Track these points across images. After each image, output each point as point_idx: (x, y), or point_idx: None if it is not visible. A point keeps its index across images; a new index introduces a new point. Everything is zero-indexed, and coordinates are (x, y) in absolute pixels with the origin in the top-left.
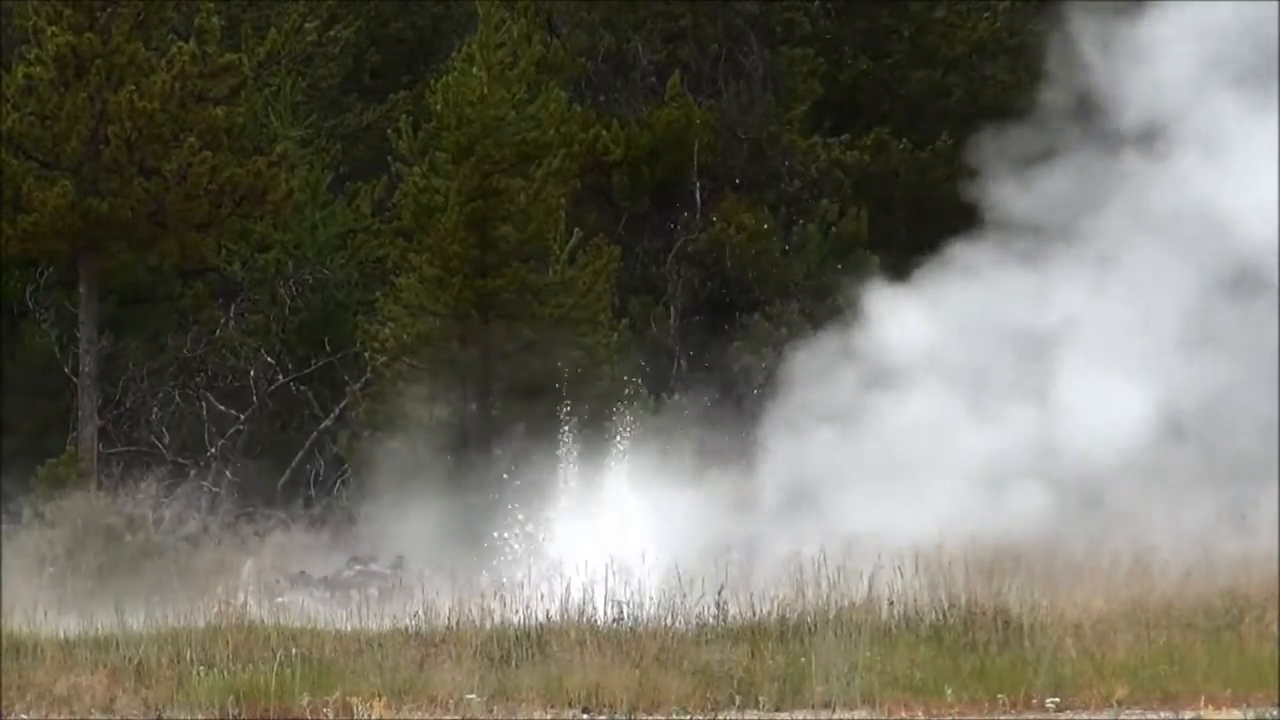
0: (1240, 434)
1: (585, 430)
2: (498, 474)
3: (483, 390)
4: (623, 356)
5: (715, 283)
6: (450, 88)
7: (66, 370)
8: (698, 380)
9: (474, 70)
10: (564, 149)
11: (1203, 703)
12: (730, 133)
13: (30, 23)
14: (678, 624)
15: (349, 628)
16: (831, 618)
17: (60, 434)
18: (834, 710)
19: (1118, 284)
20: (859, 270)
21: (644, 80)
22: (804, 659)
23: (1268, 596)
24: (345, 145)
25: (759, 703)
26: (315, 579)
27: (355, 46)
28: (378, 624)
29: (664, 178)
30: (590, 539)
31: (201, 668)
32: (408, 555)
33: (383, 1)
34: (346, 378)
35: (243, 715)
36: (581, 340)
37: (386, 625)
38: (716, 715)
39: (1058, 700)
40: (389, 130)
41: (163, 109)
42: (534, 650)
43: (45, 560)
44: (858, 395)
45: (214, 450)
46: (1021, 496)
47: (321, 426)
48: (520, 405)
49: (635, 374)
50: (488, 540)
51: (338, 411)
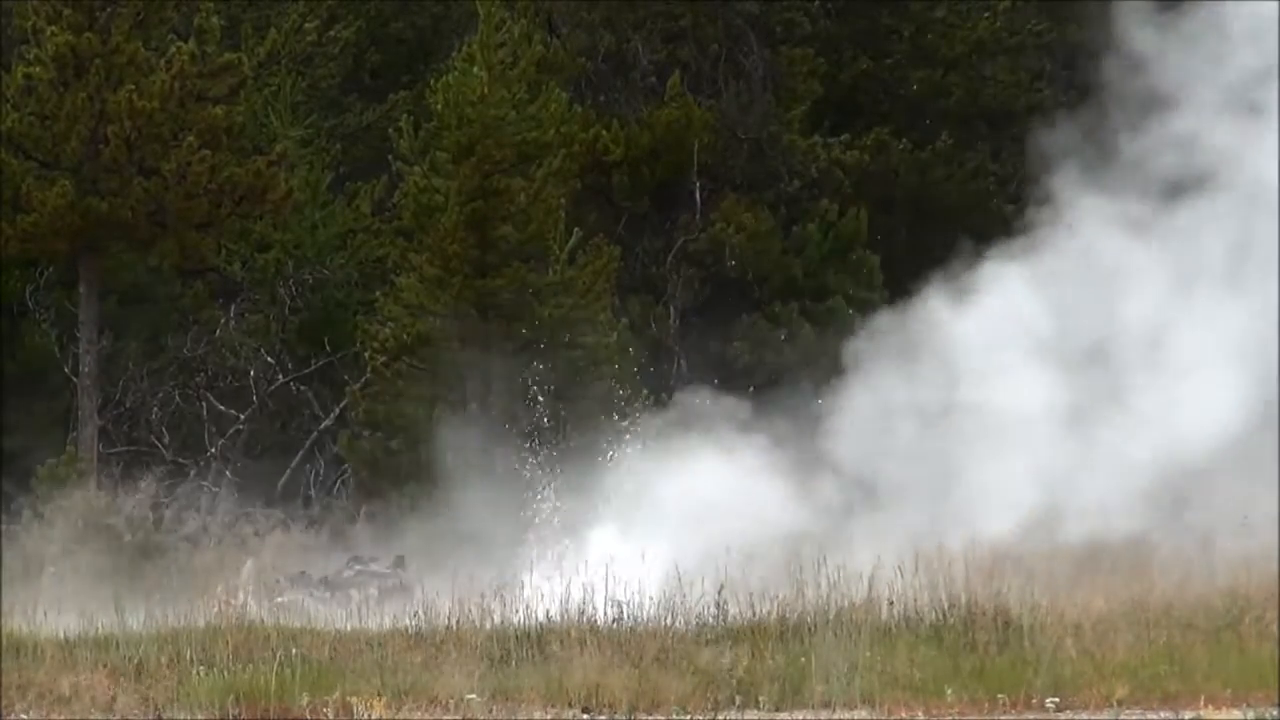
0: None
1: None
2: (499, 474)
3: (483, 390)
4: (623, 356)
5: (715, 283)
6: (450, 88)
7: (66, 370)
8: (701, 378)
9: (474, 70)
10: (564, 149)
11: (1203, 703)
12: (730, 133)
13: (30, 23)
14: (678, 624)
15: (349, 628)
16: (831, 618)
17: (60, 434)
18: (834, 710)
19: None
20: (859, 270)
21: (644, 80)
22: (804, 659)
23: (1268, 596)
24: (345, 145)
25: (759, 703)
26: (315, 579)
27: (355, 46)
28: (378, 624)
29: (664, 178)
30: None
31: (201, 668)
32: (408, 555)
33: (383, 1)
34: (346, 378)
35: (243, 715)
36: (581, 340)
37: (386, 625)
38: (716, 715)
39: (1058, 700)
40: (389, 130)
41: (162, 109)
42: (534, 650)
43: (45, 560)
44: (945, 386)
45: (214, 450)
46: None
47: (321, 426)
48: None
49: (635, 373)
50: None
51: (338, 411)
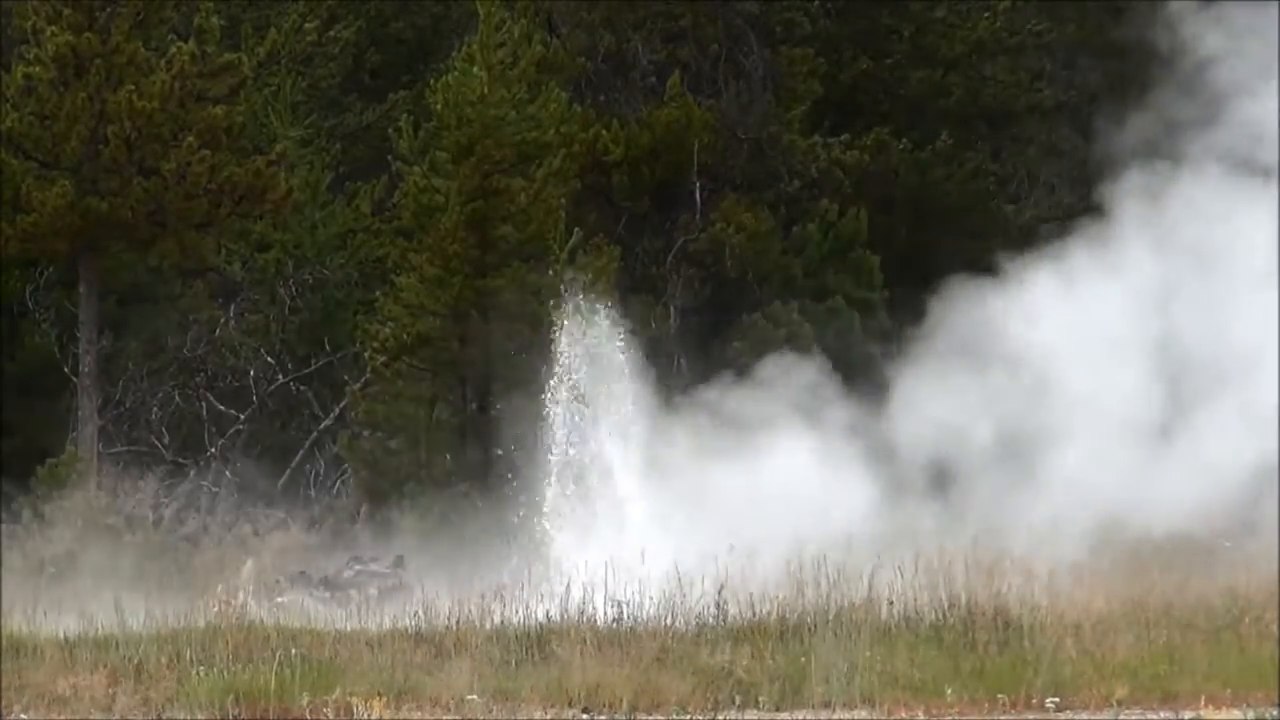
0: None
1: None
2: (497, 474)
3: (482, 390)
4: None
5: (715, 283)
6: (450, 88)
7: (66, 370)
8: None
9: (474, 70)
10: (564, 149)
11: (1203, 703)
12: (730, 133)
13: (30, 23)
14: (678, 624)
15: (349, 628)
16: (831, 618)
17: (60, 434)
18: (834, 710)
19: None
20: (859, 270)
21: (644, 80)
22: (804, 659)
23: (1268, 596)
24: (345, 145)
25: (759, 703)
26: (315, 579)
27: (355, 46)
28: (378, 624)
29: (664, 178)
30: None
31: (201, 668)
32: (407, 555)
33: (383, 1)
34: (346, 378)
35: (243, 715)
36: None
37: (386, 625)
38: (716, 715)
39: (1058, 700)
40: (389, 130)
41: (162, 109)
42: (534, 650)
43: (45, 560)
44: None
45: (214, 450)
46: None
47: (321, 426)
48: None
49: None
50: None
51: (338, 411)
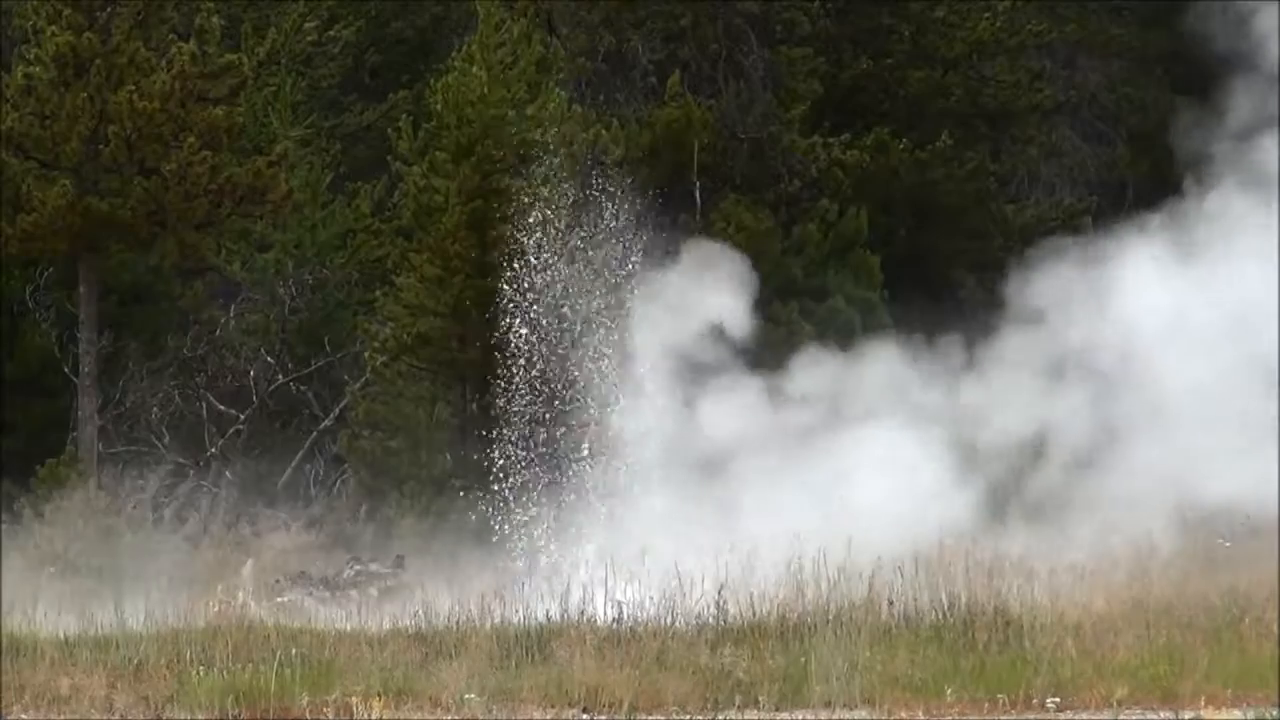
0: None
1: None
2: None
3: (482, 390)
4: None
5: None
6: (450, 88)
7: (66, 370)
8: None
9: (474, 70)
10: (564, 149)
11: (1203, 703)
12: (730, 133)
13: (30, 23)
14: (678, 624)
15: (349, 628)
16: (831, 618)
17: (60, 434)
18: (834, 710)
19: None
20: (859, 270)
21: (644, 80)
22: (804, 659)
23: (1268, 596)
24: (345, 145)
25: (759, 703)
26: (315, 579)
27: (355, 46)
28: (378, 624)
29: (664, 178)
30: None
31: (201, 668)
32: (407, 555)
33: (383, 1)
34: (346, 378)
35: (243, 715)
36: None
37: (386, 625)
38: (716, 715)
39: (1058, 700)
40: (389, 130)
41: (163, 109)
42: (534, 650)
43: (45, 560)
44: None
45: (214, 450)
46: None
47: (321, 426)
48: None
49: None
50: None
51: (338, 411)
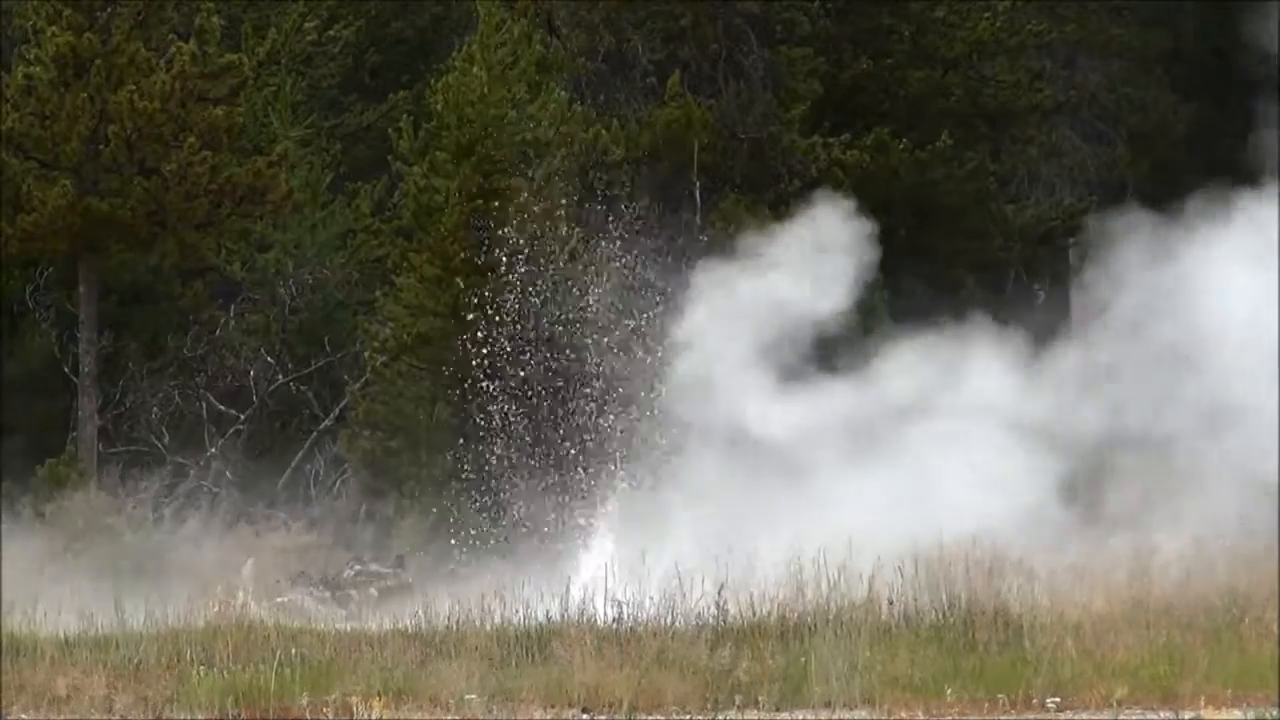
0: None
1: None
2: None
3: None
4: None
5: None
6: (450, 88)
7: (66, 370)
8: None
9: (474, 70)
10: (564, 149)
11: (1203, 703)
12: (730, 133)
13: (30, 23)
14: (678, 624)
15: (349, 628)
16: (831, 618)
17: (60, 434)
18: (834, 710)
19: None
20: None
21: (644, 80)
22: (804, 659)
23: (1268, 596)
24: (345, 145)
25: (759, 703)
26: (315, 579)
27: (355, 46)
28: (378, 624)
29: (664, 178)
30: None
31: (201, 668)
32: (407, 555)
33: (383, 1)
34: (346, 378)
35: (242, 715)
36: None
37: (386, 625)
38: (716, 715)
39: (1058, 700)
40: (389, 130)
41: (163, 109)
42: (534, 650)
43: (45, 560)
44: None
45: (214, 450)
46: None
47: (321, 426)
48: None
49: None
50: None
51: (338, 411)
